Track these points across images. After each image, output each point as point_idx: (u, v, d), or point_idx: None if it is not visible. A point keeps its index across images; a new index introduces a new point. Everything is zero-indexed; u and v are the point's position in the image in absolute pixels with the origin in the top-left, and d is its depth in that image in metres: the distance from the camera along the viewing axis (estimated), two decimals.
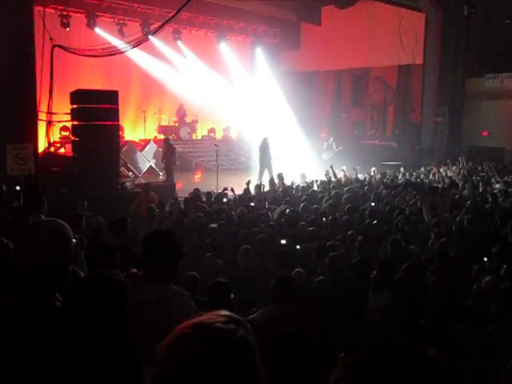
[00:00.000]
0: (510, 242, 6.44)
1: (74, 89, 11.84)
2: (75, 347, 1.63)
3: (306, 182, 12.58)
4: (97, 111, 11.23)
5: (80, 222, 5.80)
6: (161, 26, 13.61)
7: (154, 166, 16.64)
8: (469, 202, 9.04)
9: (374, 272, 5.23)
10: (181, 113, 20.08)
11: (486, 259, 5.73)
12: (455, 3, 17.96)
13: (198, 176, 17.39)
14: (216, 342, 1.10)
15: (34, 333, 1.83)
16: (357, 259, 5.82)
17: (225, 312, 1.19)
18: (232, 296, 4.02)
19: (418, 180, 13.09)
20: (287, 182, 12.11)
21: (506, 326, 3.90)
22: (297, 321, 3.53)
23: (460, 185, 11.43)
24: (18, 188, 7.99)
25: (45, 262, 2.13)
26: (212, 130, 21.21)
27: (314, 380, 2.81)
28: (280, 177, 12.43)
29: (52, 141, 14.26)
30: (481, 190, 10.98)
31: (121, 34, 17.22)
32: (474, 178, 13.04)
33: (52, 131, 13.66)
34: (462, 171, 14.26)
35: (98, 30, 17.17)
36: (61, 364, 1.61)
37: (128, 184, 12.67)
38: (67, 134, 15.13)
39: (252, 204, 9.09)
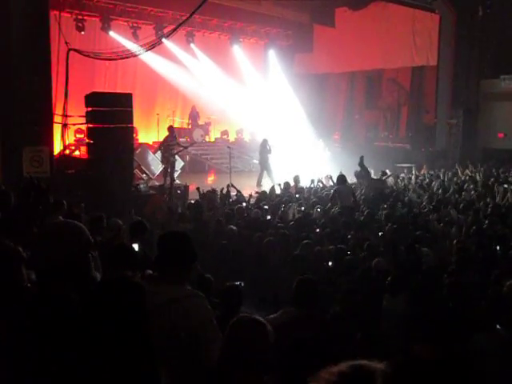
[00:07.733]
0: None
1: (88, 91, 11.94)
2: (95, 347, 1.64)
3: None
4: (111, 114, 11.29)
5: (101, 224, 5.82)
6: (174, 29, 13.67)
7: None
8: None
9: (389, 277, 5.17)
10: (193, 115, 20.15)
11: None
12: (470, 4, 17.79)
13: (211, 178, 17.43)
14: None
15: (52, 332, 1.85)
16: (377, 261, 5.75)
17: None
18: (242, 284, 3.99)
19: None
20: (302, 184, 12.12)
21: None
22: (317, 325, 3.50)
23: (480, 189, 11.31)
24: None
25: (62, 262, 2.15)
26: (225, 133, 21.24)
27: None
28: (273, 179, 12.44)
29: (67, 143, 14.38)
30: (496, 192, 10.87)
31: (135, 37, 17.37)
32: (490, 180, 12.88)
33: (67, 134, 13.77)
34: (477, 174, 14.10)
35: (112, 33, 17.34)
36: (80, 363, 1.62)
37: (142, 186, 12.73)
38: (82, 136, 15.25)
39: (266, 207, 9.10)
